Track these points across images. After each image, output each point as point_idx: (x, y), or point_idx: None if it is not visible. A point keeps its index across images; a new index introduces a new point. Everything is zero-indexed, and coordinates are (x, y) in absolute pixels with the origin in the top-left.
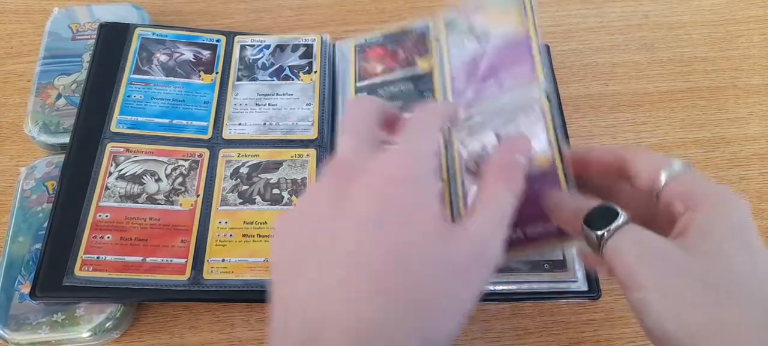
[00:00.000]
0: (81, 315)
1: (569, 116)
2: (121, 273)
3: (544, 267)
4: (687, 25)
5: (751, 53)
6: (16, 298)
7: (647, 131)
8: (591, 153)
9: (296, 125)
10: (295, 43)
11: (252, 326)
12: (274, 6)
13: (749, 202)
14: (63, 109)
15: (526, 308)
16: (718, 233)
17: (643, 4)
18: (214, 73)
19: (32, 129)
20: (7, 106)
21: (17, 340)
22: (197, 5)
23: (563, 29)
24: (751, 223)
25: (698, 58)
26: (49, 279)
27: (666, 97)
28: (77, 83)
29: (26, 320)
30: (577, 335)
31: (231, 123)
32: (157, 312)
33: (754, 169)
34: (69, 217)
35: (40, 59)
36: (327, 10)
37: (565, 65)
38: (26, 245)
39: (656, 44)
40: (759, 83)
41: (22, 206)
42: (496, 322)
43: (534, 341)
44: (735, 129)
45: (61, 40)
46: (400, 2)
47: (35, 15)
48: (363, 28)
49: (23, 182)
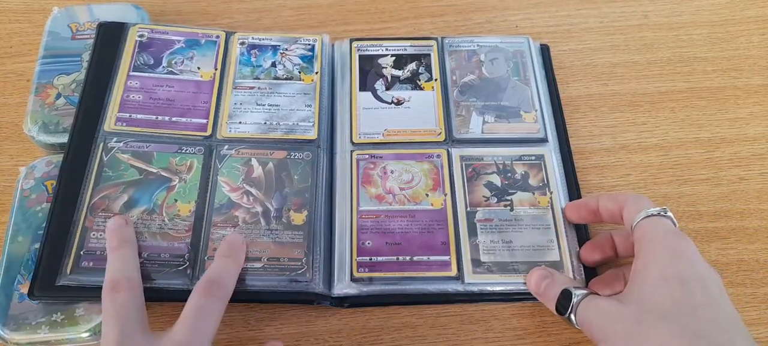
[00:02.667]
0: (80, 315)
1: (569, 116)
2: None
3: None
4: (687, 25)
5: (751, 53)
6: (16, 298)
7: (647, 131)
8: (599, 203)
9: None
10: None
11: (252, 326)
12: (274, 6)
13: (691, 241)
14: (62, 108)
15: (526, 308)
16: (646, 281)
17: (643, 4)
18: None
19: (32, 128)
20: (6, 105)
21: (17, 340)
22: (197, 5)
23: (563, 29)
24: (680, 262)
25: (698, 58)
26: (47, 278)
27: (666, 97)
28: (77, 83)
29: (26, 320)
30: (577, 335)
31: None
32: (157, 312)
33: (754, 170)
34: (67, 216)
35: (39, 59)
36: (327, 10)
37: (565, 65)
38: (26, 244)
39: (656, 44)
40: (759, 83)
41: (22, 206)
42: (496, 322)
43: (534, 341)
44: (735, 129)
45: (61, 40)
46: (400, 2)
47: (35, 15)
48: (363, 28)
49: (23, 181)
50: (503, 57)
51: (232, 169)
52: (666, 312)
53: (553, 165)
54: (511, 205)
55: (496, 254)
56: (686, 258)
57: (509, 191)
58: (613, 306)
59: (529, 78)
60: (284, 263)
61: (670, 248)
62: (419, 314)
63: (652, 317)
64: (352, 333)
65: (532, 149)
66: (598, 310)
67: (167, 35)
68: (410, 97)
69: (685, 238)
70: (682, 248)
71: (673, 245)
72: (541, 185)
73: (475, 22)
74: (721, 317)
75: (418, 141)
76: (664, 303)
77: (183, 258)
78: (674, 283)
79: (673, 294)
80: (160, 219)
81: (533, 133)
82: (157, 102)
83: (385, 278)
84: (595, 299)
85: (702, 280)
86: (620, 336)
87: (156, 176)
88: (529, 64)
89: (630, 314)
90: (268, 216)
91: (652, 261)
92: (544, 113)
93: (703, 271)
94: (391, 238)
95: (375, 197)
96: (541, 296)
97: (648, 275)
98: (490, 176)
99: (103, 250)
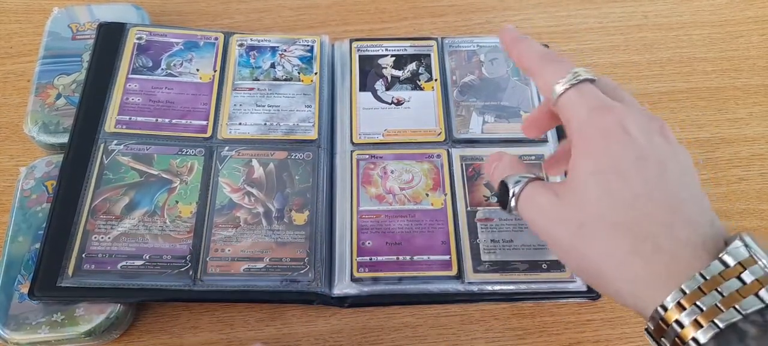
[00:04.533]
0: (81, 315)
1: None
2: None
3: (542, 267)
4: (687, 25)
5: (751, 53)
6: (16, 298)
7: None
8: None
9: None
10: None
11: (252, 326)
12: (274, 6)
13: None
14: (63, 108)
15: (526, 308)
16: (581, 175)
17: (643, 4)
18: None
19: (32, 129)
20: (7, 106)
21: (17, 340)
22: (197, 5)
23: (563, 29)
24: (613, 147)
25: (698, 58)
26: (47, 279)
27: (666, 97)
28: (77, 83)
29: (26, 320)
30: (577, 335)
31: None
32: (157, 312)
33: (754, 170)
34: (67, 216)
35: (39, 59)
36: (327, 10)
37: None
38: (26, 244)
39: (656, 45)
40: (759, 83)
41: (22, 206)
42: (496, 322)
43: (534, 341)
44: (735, 129)
45: (61, 40)
46: (400, 2)
47: (35, 15)
48: (363, 28)
49: (23, 181)
50: (503, 57)
51: (232, 170)
52: (603, 213)
53: None
54: None
55: (496, 254)
56: (618, 140)
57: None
58: (553, 205)
59: (529, 78)
60: (286, 263)
61: (599, 131)
62: (419, 314)
63: (592, 219)
64: (352, 333)
65: (532, 149)
66: (538, 208)
67: (166, 37)
68: (410, 98)
69: (614, 110)
70: (611, 128)
71: (601, 126)
72: None
73: (475, 22)
74: (661, 204)
75: (418, 141)
76: (602, 202)
77: (185, 259)
78: (609, 175)
79: (610, 188)
80: (161, 221)
81: None
82: (157, 104)
83: (386, 278)
84: (535, 192)
85: (638, 163)
86: (564, 243)
87: (157, 178)
88: None
89: (570, 217)
90: (270, 216)
91: (582, 151)
92: None
93: (641, 149)
94: (391, 238)
95: (375, 197)
96: (492, 179)
97: (581, 168)
98: None
99: (104, 253)
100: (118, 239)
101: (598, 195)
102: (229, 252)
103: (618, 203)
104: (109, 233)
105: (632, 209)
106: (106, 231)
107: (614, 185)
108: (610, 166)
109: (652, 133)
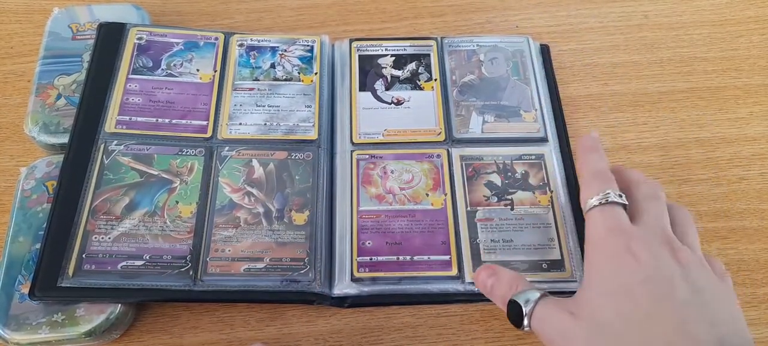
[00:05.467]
0: (81, 315)
1: (569, 116)
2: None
3: (543, 267)
4: (687, 25)
5: (751, 53)
6: (17, 298)
7: (647, 131)
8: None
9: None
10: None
11: (252, 326)
12: (274, 6)
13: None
14: (63, 109)
15: None
16: (594, 293)
17: (643, 4)
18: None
19: (32, 129)
20: (7, 106)
21: (17, 340)
22: (198, 5)
23: (563, 29)
24: (624, 270)
25: (698, 58)
26: (48, 279)
27: (666, 97)
28: (77, 83)
29: (26, 320)
30: None
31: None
32: (157, 313)
33: (754, 170)
34: (68, 217)
35: (40, 59)
36: (327, 10)
37: (565, 65)
38: (26, 245)
39: (656, 44)
40: (759, 83)
41: (23, 206)
42: (496, 322)
43: (534, 340)
44: (735, 129)
45: (61, 40)
46: (400, 2)
47: (35, 15)
48: (363, 28)
49: (23, 181)
50: (503, 57)
51: (232, 170)
52: (617, 332)
53: (553, 164)
54: (511, 204)
55: (496, 254)
56: (628, 265)
57: (509, 191)
58: (566, 320)
59: (529, 78)
60: (286, 263)
61: (612, 254)
62: (419, 314)
63: (604, 339)
64: (352, 333)
65: (532, 149)
66: (555, 330)
67: (166, 38)
68: (410, 97)
69: (625, 234)
70: (621, 253)
71: (614, 250)
72: (542, 185)
73: (475, 22)
74: (667, 323)
75: (418, 141)
76: (615, 321)
77: (185, 259)
78: (620, 296)
79: (620, 308)
80: (161, 221)
81: (533, 132)
82: (157, 104)
83: (386, 278)
84: (549, 312)
85: (648, 285)
86: None
87: (157, 178)
88: (528, 64)
89: (583, 335)
90: (270, 216)
91: (596, 270)
92: (544, 113)
93: (650, 272)
94: (391, 238)
95: (375, 197)
96: (490, 295)
97: (594, 286)
98: (491, 175)
99: (105, 253)
100: (118, 240)
101: (611, 313)
102: (229, 252)
103: (629, 322)
104: (109, 233)
105: (642, 331)
106: (106, 231)
107: (625, 306)
108: (621, 287)
109: (662, 256)
